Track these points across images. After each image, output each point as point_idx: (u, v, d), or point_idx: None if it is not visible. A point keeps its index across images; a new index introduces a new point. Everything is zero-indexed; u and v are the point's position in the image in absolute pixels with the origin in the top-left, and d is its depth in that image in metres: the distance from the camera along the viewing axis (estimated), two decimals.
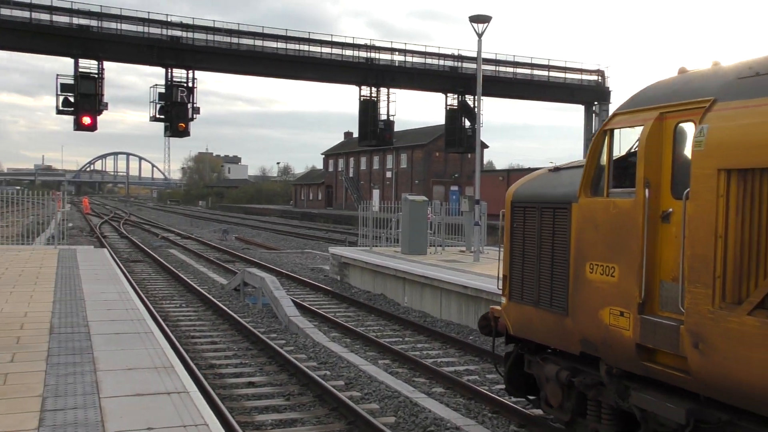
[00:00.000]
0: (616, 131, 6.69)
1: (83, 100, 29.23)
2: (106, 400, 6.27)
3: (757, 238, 5.05)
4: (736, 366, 5.16)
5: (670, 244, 5.92)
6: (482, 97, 22.90)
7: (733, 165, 5.24)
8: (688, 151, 5.84)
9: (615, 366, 6.58)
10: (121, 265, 22.79)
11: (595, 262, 6.65)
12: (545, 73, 40.32)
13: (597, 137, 6.93)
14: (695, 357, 5.49)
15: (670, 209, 5.98)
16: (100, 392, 6.48)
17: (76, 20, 30.82)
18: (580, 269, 6.86)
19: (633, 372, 6.37)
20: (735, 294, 5.21)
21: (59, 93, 29.34)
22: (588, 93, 41.74)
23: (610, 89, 41.76)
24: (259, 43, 33.83)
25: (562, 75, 40.75)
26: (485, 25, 20.42)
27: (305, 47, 34.59)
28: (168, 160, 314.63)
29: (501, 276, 8.52)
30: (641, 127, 6.24)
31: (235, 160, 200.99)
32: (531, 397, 8.58)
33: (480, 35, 20.58)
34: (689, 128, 5.88)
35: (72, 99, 29.30)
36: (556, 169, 8.30)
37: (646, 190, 6.06)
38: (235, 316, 15.37)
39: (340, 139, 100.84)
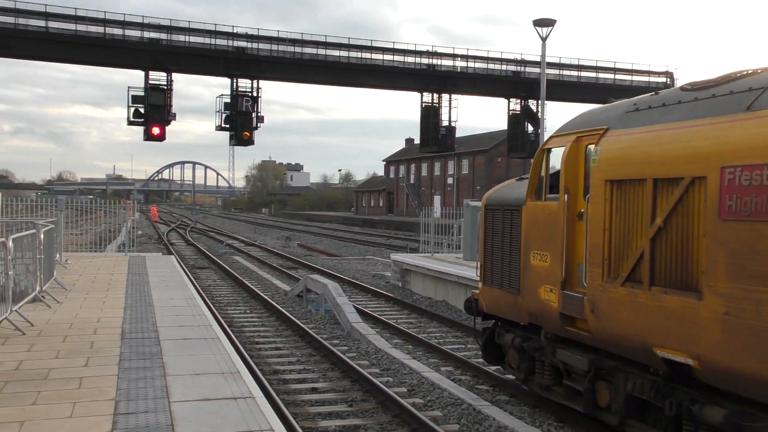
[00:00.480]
0: (552, 150, 8.68)
1: (153, 111, 30.10)
2: (176, 404, 6.41)
3: (626, 230, 7.10)
4: (614, 324, 7.20)
5: (583, 236, 7.83)
6: (545, 102, 22.59)
7: (613, 177, 7.26)
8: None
9: (549, 331, 8.76)
10: (187, 271, 23.34)
11: (536, 251, 8.72)
12: (611, 75, 39.52)
13: (538, 154, 8.94)
14: (592, 320, 7.53)
15: (582, 210, 7.89)
16: (170, 396, 6.64)
17: (147, 34, 31.84)
18: (527, 257, 8.91)
19: (559, 335, 8.52)
20: (614, 271, 7.20)
21: (130, 104, 30.29)
22: None
23: None
24: (321, 51, 34.23)
25: (628, 77, 39.85)
26: (549, 28, 20.16)
27: (367, 55, 34.81)
28: (232, 168, 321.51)
29: (478, 265, 10.48)
30: (564, 147, 8.29)
31: (297, 167, 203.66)
32: (502, 365, 10.55)
33: (544, 39, 20.34)
34: (593, 149, 7.73)
35: (142, 110, 30.22)
36: (521, 178, 10.12)
37: (566, 196, 8.09)
38: (298, 322, 15.54)
39: (401, 145, 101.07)
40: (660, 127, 6.82)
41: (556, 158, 8.46)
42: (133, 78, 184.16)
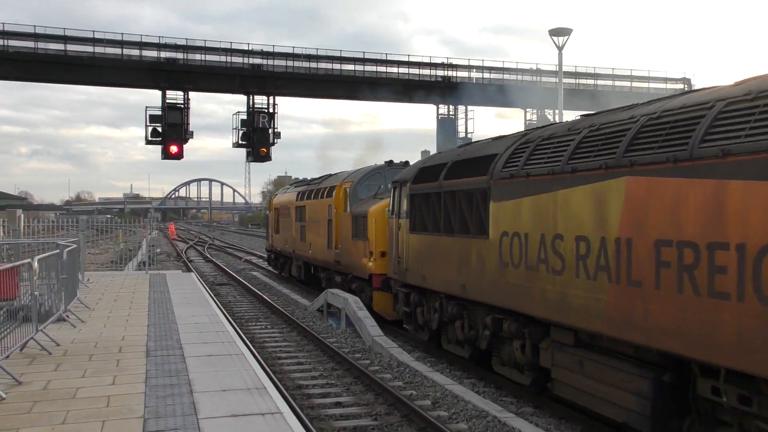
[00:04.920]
0: (271, 197, 38.63)
1: (170, 130, 30.38)
2: (204, 421, 6.43)
3: (277, 221, 30.92)
4: (291, 251, 29.04)
5: (275, 222, 32.18)
6: (563, 110, 22.53)
7: (275, 207, 31.86)
8: (276, 201, 32.87)
9: (278, 253, 31.63)
10: (207, 288, 23.42)
11: (271, 226, 33.02)
12: (627, 83, 39.39)
13: (269, 201, 37.16)
14: (286, 249, 30.08)
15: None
16: (198, 413, 6.66)
17: (164, 54, 32.23)
18: (270, 228, 33.18)
19: (281, 254, 30.81)
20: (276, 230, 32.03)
21: (148, 124, 30.55)
22: None
23: None
24: (336, 66, 34.45)
25: (645, 85, 39.69)
26: (565, 38, 20.16)
27: (382, 68, 34.98)
28: (248, 184, 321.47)
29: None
30: (272, 197, 37.51)
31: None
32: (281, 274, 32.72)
33: (560, 48, 20.32)
34: (273, 199, 33.90)
35: (160, 129, 30.49)
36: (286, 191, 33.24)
37: (272, 211, 33.19)
38: (319, 336, 15.53)
39: (417, 157, 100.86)
40: (283, 194, 31.33)
41: (273, 200, 33.21)
42: (148, 98, 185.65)
